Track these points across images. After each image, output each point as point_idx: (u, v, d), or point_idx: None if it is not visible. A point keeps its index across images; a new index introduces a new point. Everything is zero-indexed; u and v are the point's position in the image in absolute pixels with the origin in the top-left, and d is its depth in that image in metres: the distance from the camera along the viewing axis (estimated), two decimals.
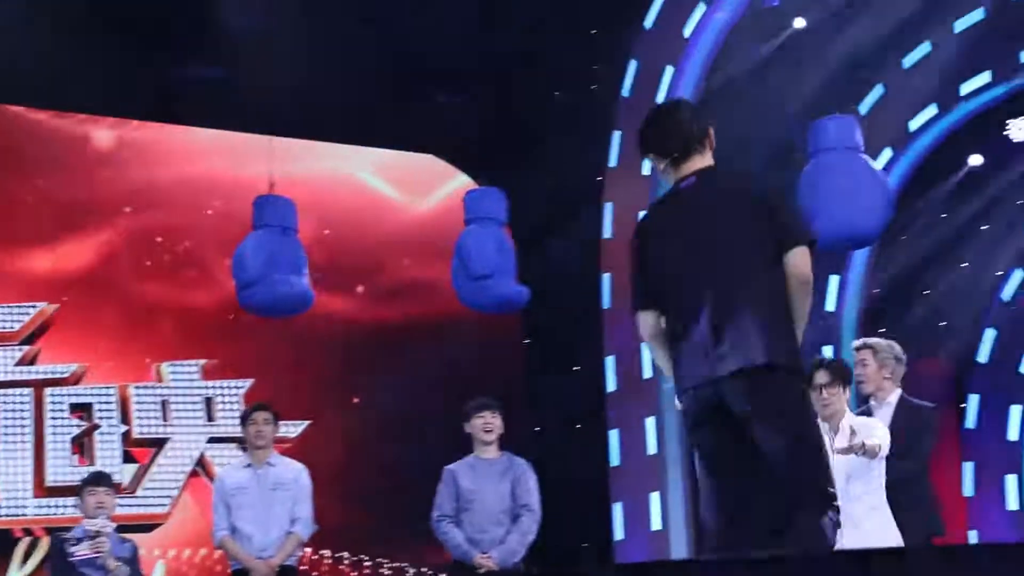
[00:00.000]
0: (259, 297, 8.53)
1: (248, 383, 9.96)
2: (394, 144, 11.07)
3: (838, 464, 5.79)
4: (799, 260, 4.54)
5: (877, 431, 6.20)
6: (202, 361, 9.94)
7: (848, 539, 5.57)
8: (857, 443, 5.92)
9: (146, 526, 9.53)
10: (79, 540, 6.93)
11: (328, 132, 10.62)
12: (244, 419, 7.54)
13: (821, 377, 6.23)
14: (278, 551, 7.38)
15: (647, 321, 4.73)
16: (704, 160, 4.74)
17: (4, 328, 9.57)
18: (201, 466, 9.84)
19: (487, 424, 7.42)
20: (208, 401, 9.92)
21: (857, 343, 7.06)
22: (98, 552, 6.87)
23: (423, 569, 10.29)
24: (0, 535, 9.26)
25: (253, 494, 7.39)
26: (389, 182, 11.18)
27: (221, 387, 9.95)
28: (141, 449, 9.70)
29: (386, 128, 10.63)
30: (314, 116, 10.19)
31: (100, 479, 7.22)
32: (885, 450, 6.15)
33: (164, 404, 9.80)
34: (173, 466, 9.77)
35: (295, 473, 7.51)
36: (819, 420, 5.90)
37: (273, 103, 9.71)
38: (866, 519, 6.12)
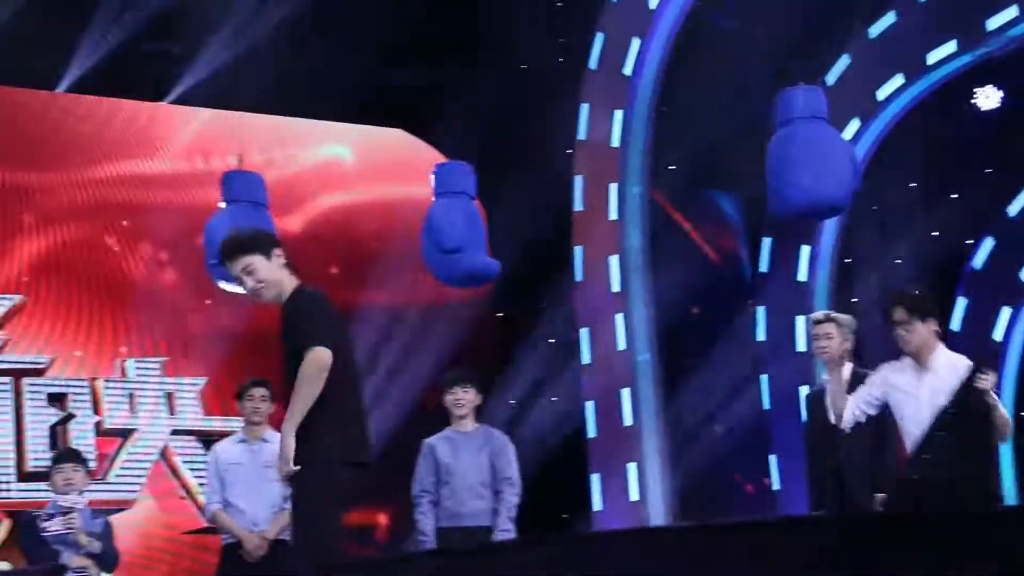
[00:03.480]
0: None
1: (203, 380, 10.24)
2: (362, 119, 11.13)
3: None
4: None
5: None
6: (163, 358, 10.18)
7: None
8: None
9: (116, 510, 9.61)
10: (50, 516, 6.82)
11: (297, 108, 10.70)
12: (241, 394, 7.46)
13: (898, 314, 6.05)
14: (271, 525, 7.31)
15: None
16: None
17: None
18: (163, 456, 10.10)
19: (457, 400, 7.43)
20: (169, 396, 10.16)
21: (820, 315, 7.01)
22: (69, 528, 6.78)
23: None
24: None
25: (247, 470, 7.36)
26: (358, 158, 11.26)
27: (180, 383, 10.21)
28: (109, 439, 9.95)
29: (355, 103, 10.67)
30: (282, 91, 10.27)
31: (67, 456, 7.10)
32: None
33: (131, 397, 10.04)
34: (141, 455, 9.99)
35: None
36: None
37: (241, 79, 9.85)
38: None
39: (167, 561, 9.78)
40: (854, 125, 10.89)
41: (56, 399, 9.81)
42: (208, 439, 9.81)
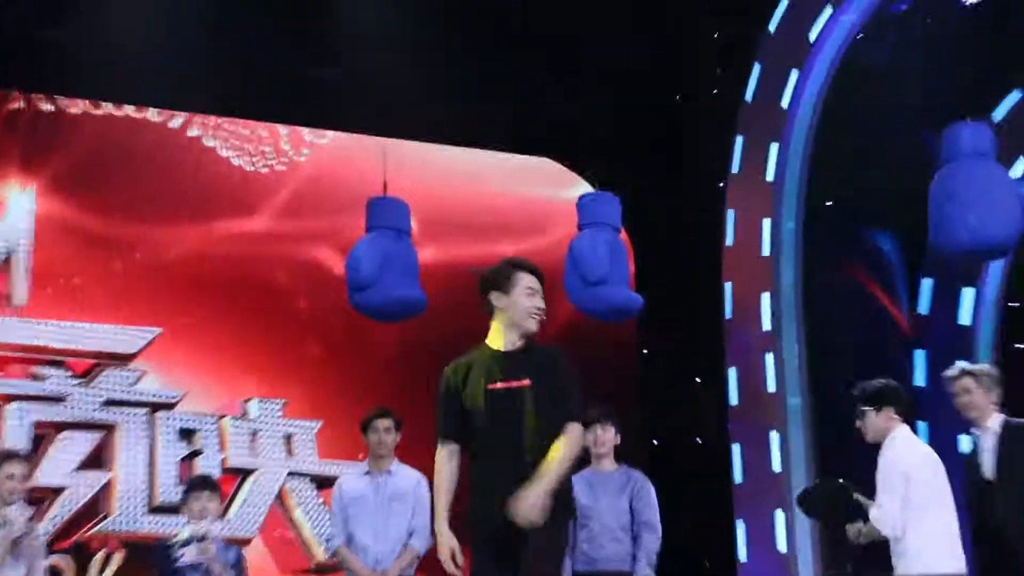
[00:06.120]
0: (373, 300, 8.55)
1: (319, 423, 10.28)
2: (510, 147, 11.09)
3: None
4: None
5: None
6: (283, 400, 10.23)
7: None
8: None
9: None
10: (185, 544, 6.84)
11: (442, 134, 10.67)
12: (365, 426, 7.38)
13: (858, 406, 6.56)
14: (393, 564, 7.22)
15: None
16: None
17: (120, 350, 9.83)
18: (279, 498, 10.14)
19: (597, 438, 7.29)
20: (288, 437, 10.22)
21: (954, 371, 6.87)
22: (205, 556, 6.81)
23: None
24: (77, 549, 9.45)
25: (371, 504, 7.28)
26: (504, 186, 11.23)
27: (298, 425, 10.26)
28: (231, 476, 10.03)
29: (502, 131, 10.68)
30: (427, 118, 10.24)
31: (204, 484, 7.12)
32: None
33: (253, 436, 10.10)
34: (260, 494, 10.07)
35: (414, 482, 7.33)
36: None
37: (386, 104, 9.85)
38: None
39: None
40: (1022, 164, 10.42)
41: (186, 434, 9.90)
42: (322, 482, 9.97)
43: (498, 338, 5.17)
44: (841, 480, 6.57)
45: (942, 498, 6.29)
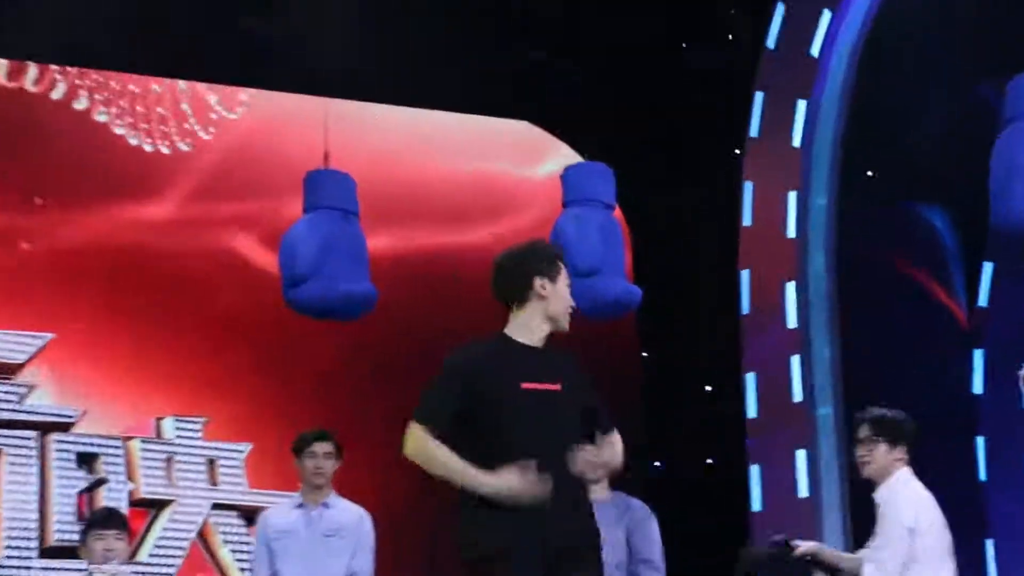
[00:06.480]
0: (312, 295, 8.05)
1: (248, 447, 9.79)
2: (479, 110, 10.51)
3: None
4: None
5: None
6: (204, 418, 9.73)
7: None
8: None
9: None
10: None
11: (396, 94, 10.07)
12: (300, 449, 6.94)
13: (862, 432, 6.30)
14: None
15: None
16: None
17: (3, 359, 9.22)
18: (200, 535, 9.61)
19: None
20: (211, 463, 9.74)
21: None
22: None
23: None
24: None
25: (302, 540, 6.86)
26: (472, 156, 10.74)
27: (223, 448, 9.80)
28: (142, 510, 9.55)
29: (470, 90, 10.06)
30: (377, 74, 9.66)
31: (110, 520, 6.59)
32: None
33: (169, 461, 9.59)
34: (178, 531, 9.60)
35: (355, 518, 6.92)
36: None
37: (328, 59, 9.23)
38: None
39: None
40: None
41: (86, 460, 9.32)
42: (251, 516, 9.50)
43: (525, 331, 4.86)
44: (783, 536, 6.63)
45: (943, 553, 6.05)
